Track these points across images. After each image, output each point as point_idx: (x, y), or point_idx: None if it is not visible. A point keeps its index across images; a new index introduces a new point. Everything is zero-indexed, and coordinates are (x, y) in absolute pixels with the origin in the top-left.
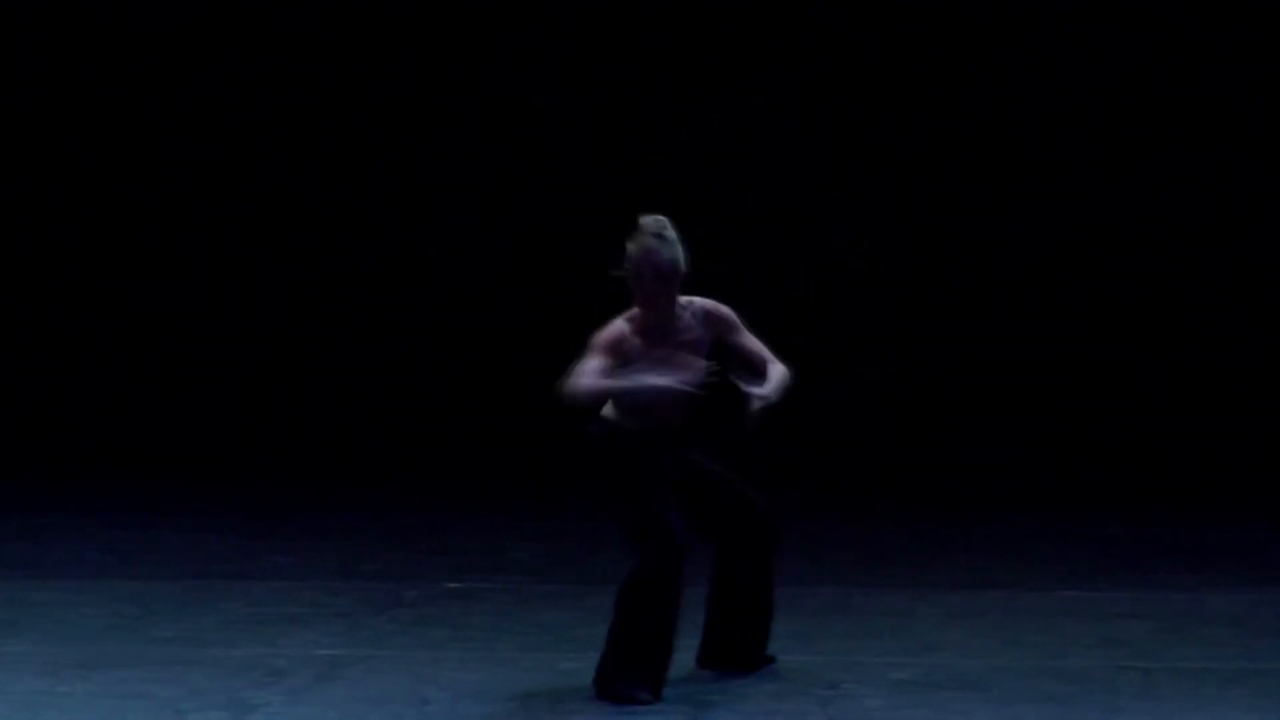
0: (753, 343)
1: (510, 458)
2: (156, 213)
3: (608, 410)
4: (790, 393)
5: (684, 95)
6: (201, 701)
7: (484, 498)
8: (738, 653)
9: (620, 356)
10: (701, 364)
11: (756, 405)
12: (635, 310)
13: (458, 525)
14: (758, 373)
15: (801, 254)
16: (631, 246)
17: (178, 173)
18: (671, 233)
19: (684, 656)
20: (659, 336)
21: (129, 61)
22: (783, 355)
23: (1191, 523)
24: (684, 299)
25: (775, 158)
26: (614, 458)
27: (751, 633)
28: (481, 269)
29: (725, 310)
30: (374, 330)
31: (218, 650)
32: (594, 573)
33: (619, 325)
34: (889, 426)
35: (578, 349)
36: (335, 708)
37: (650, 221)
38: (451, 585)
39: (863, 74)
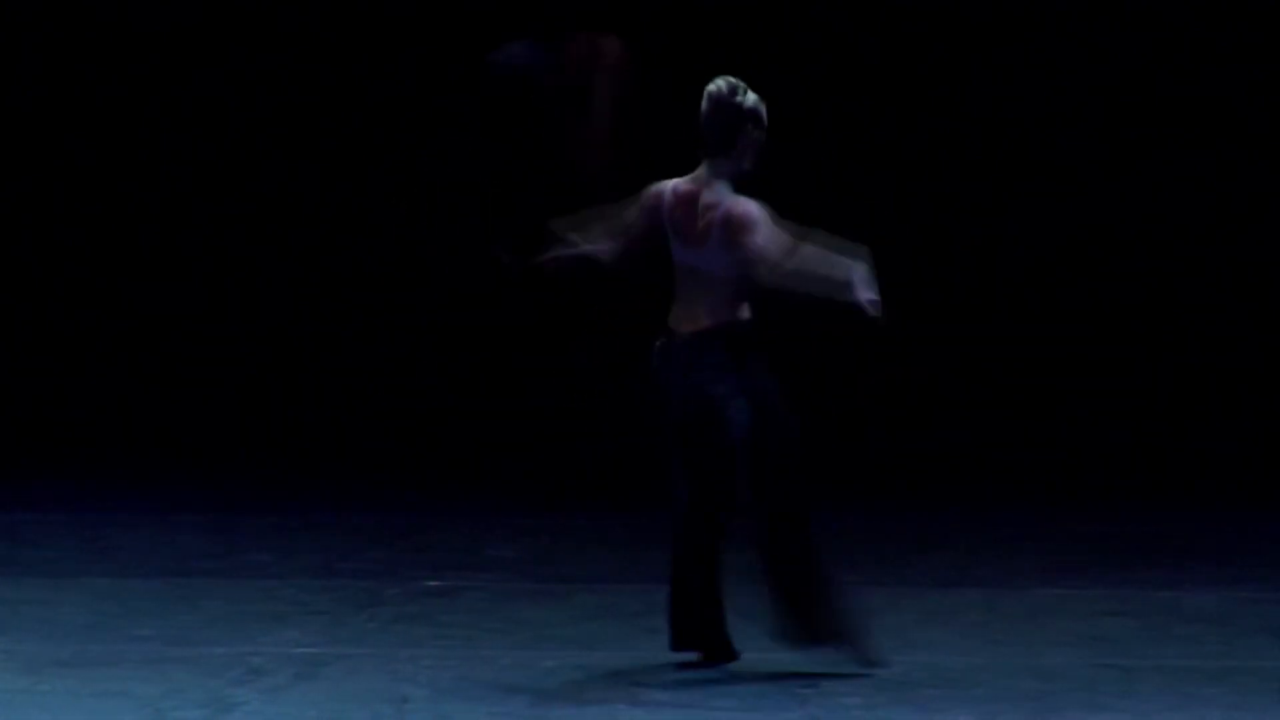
0: None
1: (507, 457)
2: (156, 213)
3: (745, 313)
4: None
5: (684, 95)
6: (181, 699)
7: (466, 496)
8: (721, 639)
9: None
10: None
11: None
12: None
13: (438, 523)
14: None
15: None
16: (752, 98)
17: (178, 173)
18: None
19: (665, 651)
20: None
21: (129, 61)
22: (783, 355)
23: (1173, 520)
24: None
25: (775, 158)
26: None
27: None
28: (481, 269)
29: None
30: (374, 330)
31: (198, 648)
32: (576, 571)
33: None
34: (888, 426)
35: (577, 349)
36: (314, 706)
37: None
38: (432, 583)
39: (863, 74)
